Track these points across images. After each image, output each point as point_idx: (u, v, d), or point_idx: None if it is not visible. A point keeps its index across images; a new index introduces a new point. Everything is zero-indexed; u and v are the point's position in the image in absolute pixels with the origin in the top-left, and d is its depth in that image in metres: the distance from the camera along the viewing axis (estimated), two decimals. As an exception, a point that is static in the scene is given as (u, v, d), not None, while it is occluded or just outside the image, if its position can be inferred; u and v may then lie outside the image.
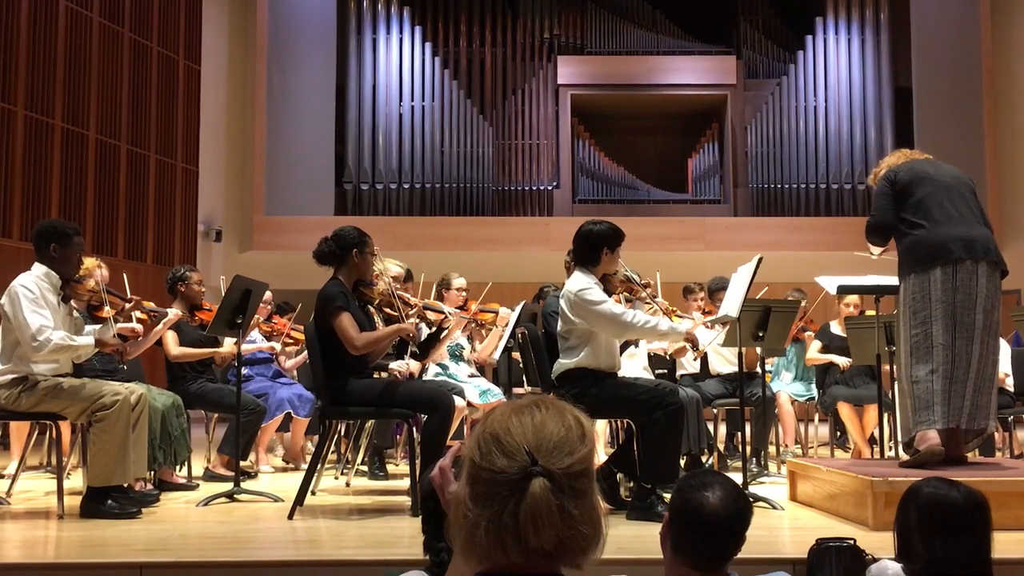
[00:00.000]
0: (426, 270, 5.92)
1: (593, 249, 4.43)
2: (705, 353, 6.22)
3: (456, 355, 6.04)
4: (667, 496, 3.98)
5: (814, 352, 6.61)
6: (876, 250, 4.61)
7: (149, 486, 4.85)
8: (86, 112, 10.13)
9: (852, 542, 2.79)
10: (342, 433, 6.08)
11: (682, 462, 5.09)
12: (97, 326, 4.56)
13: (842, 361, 6.41)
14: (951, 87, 12.55)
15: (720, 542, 1.87)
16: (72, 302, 4.49)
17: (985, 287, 4.17)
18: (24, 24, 9.39)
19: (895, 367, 4.99)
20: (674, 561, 1.88)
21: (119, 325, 4.52)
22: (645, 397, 4.22)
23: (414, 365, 5.40)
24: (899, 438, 5.24)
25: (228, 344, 5.64)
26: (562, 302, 4.40)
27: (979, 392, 4.15)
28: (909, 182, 4.31)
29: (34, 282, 4.27)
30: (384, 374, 5.27)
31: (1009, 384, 6.37)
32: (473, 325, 6.08)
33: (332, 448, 5.92)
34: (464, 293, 6.25)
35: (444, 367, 5.92)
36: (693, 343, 4.57)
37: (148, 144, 10.98)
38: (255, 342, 6.24)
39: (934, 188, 4.27)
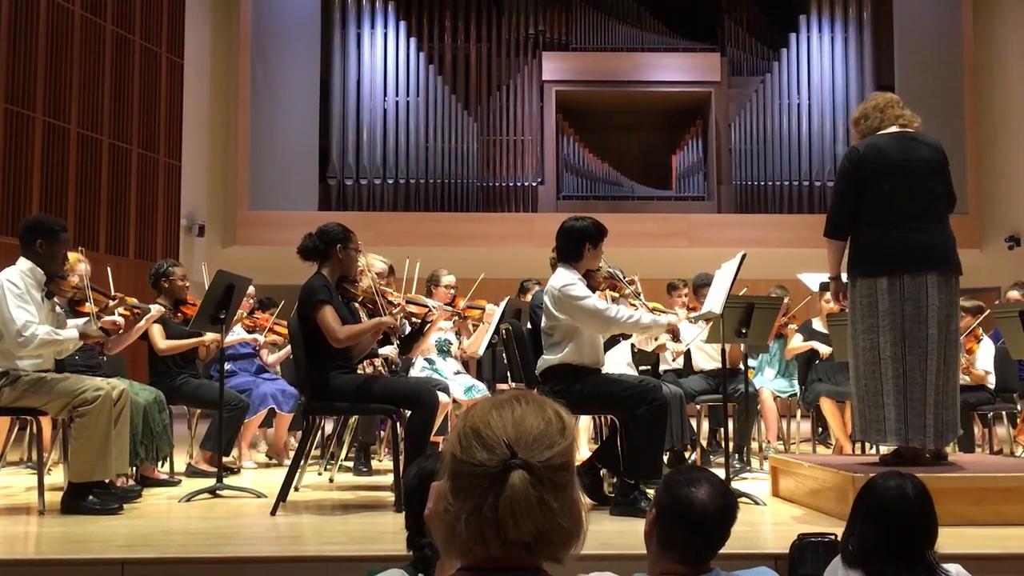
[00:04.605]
0: (410, 266, 5.91)
1: (575, 245, 4.43)
2: (688, 349, 6.25)
3: (444, 350, 6.04)
4: (650, 492, 4.00)
5: (795, 344, 6.64)
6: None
7: (131, 482, 4.82)
8: (67, 106, 10.04)
9: (833, 537, 2.82)
10: (326, 429, 6.06)
11: (665, 458, 5.10)
12: (80, 320, 4.54)
13: (823, 349, 6.42)
14: (933, 85, 12.59)
15: (707, 537, 1.89)
16: (55, 298, 4.46)
17: (937, 299, 3.99)
18: (5, 17, 9.30)
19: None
20: (660, 556, 1.89)
21: (101, 319, 4.50)
22: (629, 393, 4.24)
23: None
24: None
25: (212, 334, 5.61)
26: (546, 298, 4.41)
27: (943, 408, 4.00)
28: (873, 174, 4.10)
29: (19, 277, 4.24)
30: (369, 365, 5.27)
31: (990, 381, 6.41)
32: (458, 319, 6.08)
33: (316, 444, 5.90)
34: (453, 291, 6.25)
35: (431, 361, 5.93)
36: (675, 334, 4.58)
37: (130, 138, 10.90)
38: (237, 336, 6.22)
39: (899, 183, 4.08)
